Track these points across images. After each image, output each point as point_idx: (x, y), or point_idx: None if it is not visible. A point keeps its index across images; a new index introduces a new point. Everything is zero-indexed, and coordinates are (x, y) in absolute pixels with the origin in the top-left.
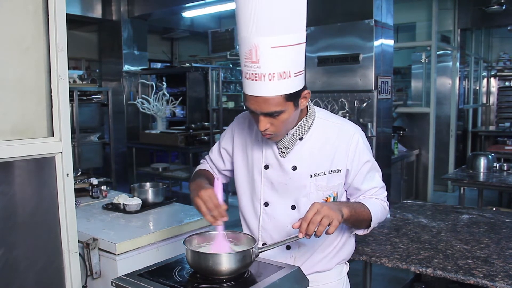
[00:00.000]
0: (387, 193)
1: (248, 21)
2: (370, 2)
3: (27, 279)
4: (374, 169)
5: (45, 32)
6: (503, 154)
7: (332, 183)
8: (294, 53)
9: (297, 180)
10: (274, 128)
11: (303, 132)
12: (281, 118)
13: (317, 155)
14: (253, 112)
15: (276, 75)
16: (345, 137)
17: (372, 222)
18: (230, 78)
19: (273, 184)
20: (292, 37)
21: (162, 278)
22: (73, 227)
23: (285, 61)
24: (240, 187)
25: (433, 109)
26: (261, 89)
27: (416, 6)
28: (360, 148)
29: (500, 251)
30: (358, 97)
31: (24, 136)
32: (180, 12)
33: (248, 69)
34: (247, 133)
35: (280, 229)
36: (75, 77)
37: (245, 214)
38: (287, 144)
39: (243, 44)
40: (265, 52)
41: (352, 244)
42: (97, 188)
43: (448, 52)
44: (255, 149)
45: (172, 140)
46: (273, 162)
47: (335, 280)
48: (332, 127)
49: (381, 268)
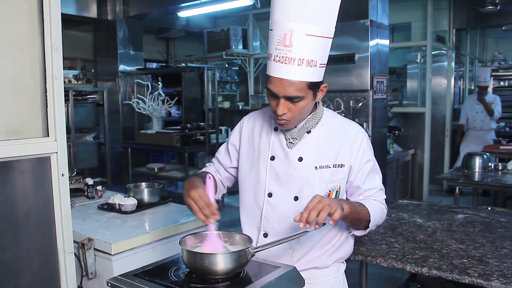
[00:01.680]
0: (385, 197)
1: (286, 5)
2: (365, 2)
3: (22, 279)
4: (375, 171)
5: (40, 31)
6: (498, 153)
7: (336, 176)
8: (322, 45)
9: (302, 171)
10: (291, 114)
11: (311, 126)
12: (300, 104)
13: (323, 148)
14: (273, 96)
15: (305, 61)
16: (351, 134)
17: (371, 222)
18: (226, 78)
19: (278, 175)
20: (324, 29)
21: (157, 278)
22: (69, 227)
23: (315, 50)
24: (243, 178)
25: (429, 109)
26: (289, 72)
27: (411, 6)
28: (364, 146)
29: (495, 250)
30: (353, 97)
31: (19, 136)
32: (176, 12)
33: (279, 52)
34: (255, 128)
35: (281, 220)
36: (70, 77)
37: (247, 205)
38: (295, 135)
39: (277, 28)
40: (299, 38)
41: (350, 244)
42: (92, 188)
43: (443, 52)
44: (262, 142)
45: (168, 140)
46: (279, 153)
47: (332, 278)
48: (339, 125)
49: (377, 267)
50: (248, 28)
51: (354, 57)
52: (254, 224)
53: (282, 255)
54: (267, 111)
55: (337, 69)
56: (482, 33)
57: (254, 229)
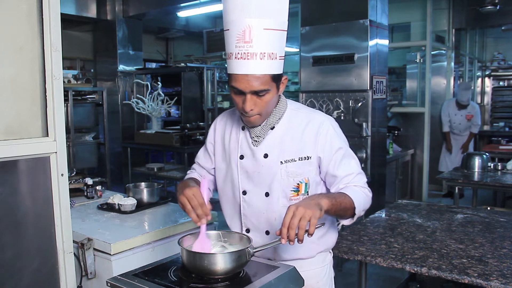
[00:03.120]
0: (366, 179)
1: (239, 4)
2: (365, 2)
3: (22, 279)
4: (349, 156)
5: (40, 31)
6: (498, 153)
7: (302, 169)
8: (279, 38)
9: (269, 168)
10: (258, 109)
11: (274, 122)
12: (265, 98)
13: (287, 142)
14: (239, 93)
15: (266, 54)
16: (314, 125)
17: (356, 209)
18: (225, 78)
19: (248, 173)
20: (279, 23)
21: (157, 278)
22: (68, 227)
23: (273, 43)
24: (220, 178)
25: (428, 109)
26: (253, 67)
27: (411, 6)
28: (330, 135)
29: (495, 250)
30: (353, 97)
31: (18, 136)
32: (175, 12)
33: (240, 49)
34: (226, 128)
35: (258, 216)
36: (69, 77)
37: (227, 203)
38: (259, 133)
39: (235, 26)
40: (257, 32)
41: (334, 233)
42: (92, 188)
43: (442, 52)
44: (232, 141)
45: (167, 140)
46: (247, 152)
47: (317, 267)
48: (302, 117)
49: (376, 267)
50: None
51: (354, 57)
52: (236, 221)
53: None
54: (236, 111)
55: (336, 69)
56: (482, 33)
57: (237, 224)
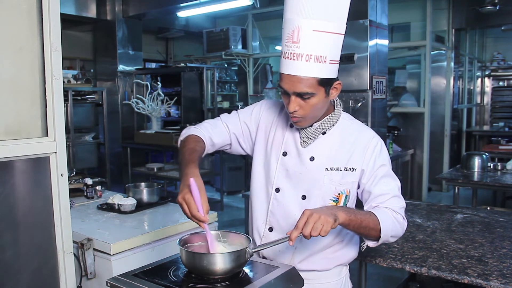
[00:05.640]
0: (404, 205)
1: (294, 3)
2: (364, 2)
3: (21, 279)
4: (390, 176)
5: (39, 31)
6: (497, 153)
7: (346, 179)
8: (332, 41)
9: (313, 171)
10: (303, 112)
11: (326, 128)
12: (311, 101)
13: (336, 151)
14: (285, 93)
15: (313, 57)
16: (364, 139)
17: (382, 232)
18: (225, 78)
19: (288, 172)
20: (333, 25)
21: (157, 278)
22: (68, 227)
23: (323, 46)
24: (256, 169)
25: (428, 109)
26: (297, 69)
27: (411, 6)
28: (377, 151)
29: (494, 250)
30: (353, 96)
31: (18, 136)
32: (175, 12)
33: (288, 48)
34: (273, 121)
35: (287, 217)
36: (69, 77)
37: (256, 197)
38: (310, 135)
39: (287, 25)
40: (306, 34)
41: (353, 249)
42: (91, 188)
43: (442, 52)
44: (277, 135)
45: (167, 140)
46: (292, 150)
47: (333, 280)
48: (354, 129)
49: (376, 267)
50: (248, 28)
51: (353, 57)
52: (261, 216)
53: (284, 252)
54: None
55: None
56: (481, 33)
57: (261, 221)
